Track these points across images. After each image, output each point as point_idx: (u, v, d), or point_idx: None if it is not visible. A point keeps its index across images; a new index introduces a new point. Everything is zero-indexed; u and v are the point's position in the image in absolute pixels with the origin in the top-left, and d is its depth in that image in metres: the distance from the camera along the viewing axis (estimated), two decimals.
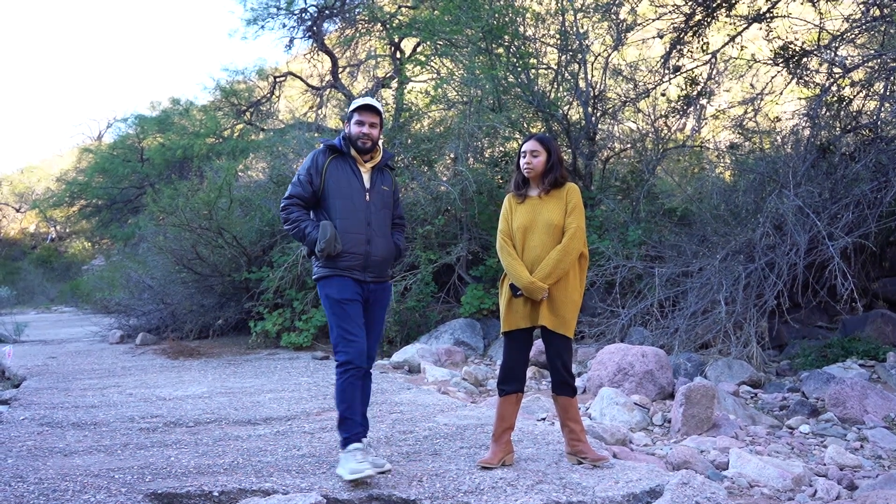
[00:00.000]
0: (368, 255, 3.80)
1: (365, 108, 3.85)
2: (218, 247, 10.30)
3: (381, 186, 3.93)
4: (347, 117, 3.94)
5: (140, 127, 22.29)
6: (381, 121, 3.91)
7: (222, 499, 3.42)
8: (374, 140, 3.86)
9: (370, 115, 3.84)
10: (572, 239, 3.79)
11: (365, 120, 3.83)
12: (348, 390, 3.67)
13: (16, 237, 37.10)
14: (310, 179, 3.84)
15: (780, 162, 8.09)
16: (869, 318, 7.48)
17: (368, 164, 3.91)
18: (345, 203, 3.79)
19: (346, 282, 3.77)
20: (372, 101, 3.88)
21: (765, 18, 8.77)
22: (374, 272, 3.84)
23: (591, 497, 3.30)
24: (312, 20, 15.66)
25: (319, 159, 3.88)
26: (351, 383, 3.67)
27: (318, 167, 3.86)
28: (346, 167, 3.86)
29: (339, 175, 3.83)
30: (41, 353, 9.77)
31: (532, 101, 9.84)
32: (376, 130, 3.87)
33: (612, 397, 5.56)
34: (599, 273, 8.18)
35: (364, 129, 3.83)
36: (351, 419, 3.67)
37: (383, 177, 3.98)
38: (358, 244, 3.77)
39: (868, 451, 4.66)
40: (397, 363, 7.93)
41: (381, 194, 3.92)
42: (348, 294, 3.75)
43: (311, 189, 3.85)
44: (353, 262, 3.77)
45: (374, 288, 3.87)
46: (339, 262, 3.76)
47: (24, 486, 3.51)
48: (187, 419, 5.20)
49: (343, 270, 3.76)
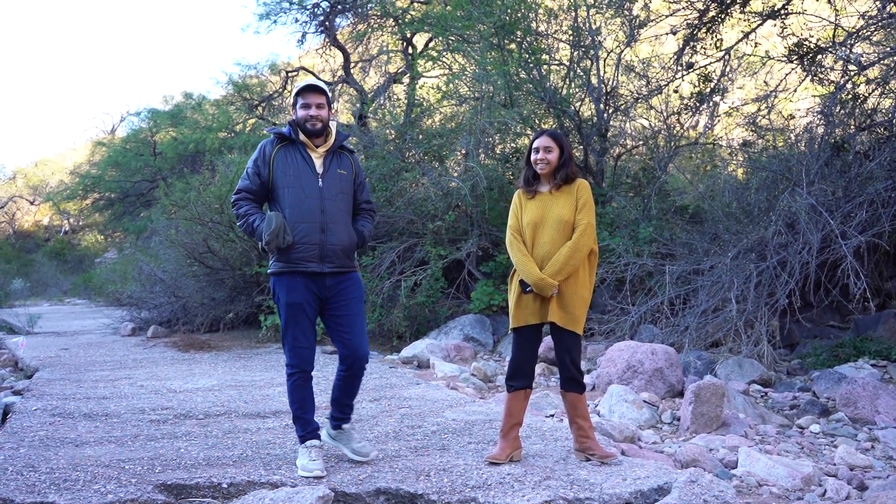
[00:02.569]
0: (324, 245, 3.62)
1: (307, 90, 3.70)
2: (229, 241, 10.35)
3: (338, 170, 3.75)
4: (293, 103, 3.78)
5: (153, 121, 22.43)
6: (328, 101, 3.74)
7: (231, 490, 3.44)
8: (323, 121, 3.69)
9: (314, 95, 3.68)
10: (583, 235, 3.77)
11: (310, 102, 3.66)
12: (296, 392, 3.73)
13: (30, 229, 37.43)
14: (257, 171, 3.72)
15: (794, 160, 8.02)
16: (882, 317, 7.41)
17: (321, 148, 3.73)
18: (294, 191, 3.63)
19: (296, 283, 3.63)
20: (313, 82, 3.75)
21: (779, 15, 8.68)
22: (332, 262, 3.66)
23: (598, 493, 3.29)
24: (325, 15, 15.68)
25: (267, 149, 3.73)
26: (298, 385, 3.73)
27: (266, 157, 3.71)
28: (296, 154, 3.69)
29: (288, 162, 3.67)
30: (54, 345, 9.86)
31: (544, 97, 9.81)
32: (324, 111, 3.69)
33: (621, 395, 5.55)
34: (610, 270, 8.15)
35: (311, 111, 3.65)
36: (303, 418, 3.74)
37: (340, 160, 3.80)
38: (311, 233, 3.60)
39: (879, 452, 4.62)
40: (406, 358, 7.95)
41: (338, 178, 3.73)
42: (298, 298, 3.63)
43: (260, 181, 3.72)
44: (307, 253, 3.60)
45: (334, 283, 3.70)
46: (292, 255, 3.60)
47: (36, 476, 3.55)
48: (197, 411, 5.23)
49: (297, 263, 3.60)
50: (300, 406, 3.73)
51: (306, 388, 3.73)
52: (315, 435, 3.72)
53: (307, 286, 3.65)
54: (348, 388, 3.88)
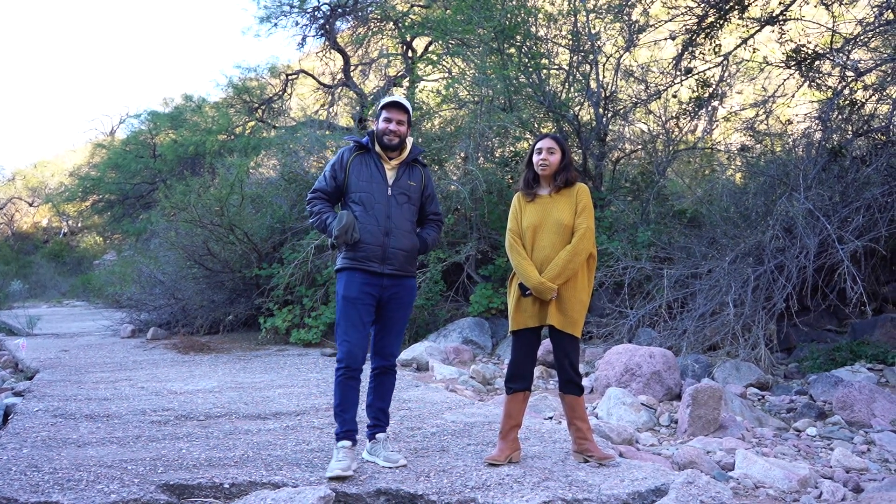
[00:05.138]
0: (386, 247, 3.84)
1: (392, 106, 3.93)
2: (229, 243, 10.38)
3: (408, 182, 3.98)
4: (377, 115, 4.03)
5: (153, 123, 22.42)
6: (409, 118, 3.98)
7: (233, 491, 3.47)
8: (400, 136, 3.93)
9: (398, 112, 3.92)
10: (582, 239, 3.81)
11: (392, 117, 3.90)
12: (339, 387, 3.81)
13: (28, 231, 37.39)
14: (333, 174, 3.97)
15: (791, 165, 8.07)
16: (878, 322, 7.46)
17: (394, 160, 3.96)
18: (365, 196, 3.87)
19: (355, 277, 3.82)
20: (400, 99, 3.97)
21: (777, 21, 8.74)
22: (393, 264, 3.86)
23: (596, 494, 3.33)
24: (325, 18, 15.74)
25: (345, 155, 4.00)
26: (341, 382, 3.79)
27: (343, 163, 3.97)
28: (371, 162, 3.94)
29: (362, 170, 3.92)
30: (53, 347, 9.88)
31: (543, 101, 9.85)
32: (403, 127, 3.94)
33: (620, 397, 5.59)
34: (608, 274, 8.19)
35: (391, 125, 3.90)
36: (340, 416, 3.79)
37: (411, 172, 4.03)
38: (376, 235, 3.83)
39: (875, 455, 4.66)
40: (406, 361, 7.98)
41: (406, 189, 3.96)
42: (355, 292, 3.81)
43: (335, 184, 3.97)
44: (371, 253, 3.81)
45: (391, 283, 3.88)
46: (357, 253, 3.82)
47: (40, 476, 3.58)
48: (198, 413, 5.26)
49: (360, 261, 3.81)
50: (339, 402, 3.79)
51: (348, 386, 3.78)
52: (347, 436, 3.75)
53: (366, 283, 3.82)
54: (381, 391, 3.98)
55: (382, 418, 3.99)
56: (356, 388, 3.82)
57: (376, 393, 3.99)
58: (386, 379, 3.98)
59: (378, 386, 3.99)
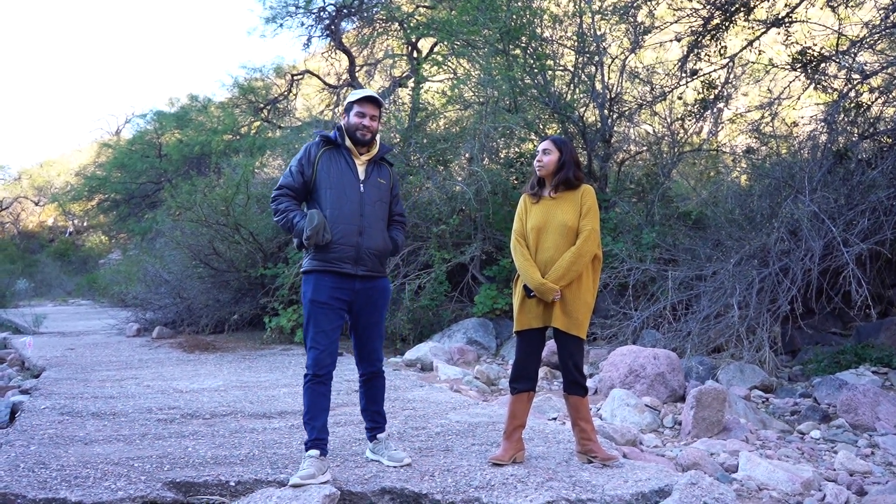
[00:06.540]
0: (360, 247, 3.68)
1: (366, 100, 3.77)
2: (234, 243, 10.42)
3: (378, 179, 3.84)
4: (346, 108, 3.85)
5: (158, 123, 22.52)
6: (380, 114, 3.85)
7: (239, 489, 3.49)
8: (373, 132, 3.79)
9: (371, 106, 3.77)
10: (586, 241, 3.82)
11: (366, 112, 3.75)
12: (307, 396, 3.64)
13: (34, 230, 37.57)
14: (301, 170, 3.78)
15: (797, 167, 8.06)
16: (883, 325, 7.45)
17: (364, 156, 3.83)
18: (336, 193, 3.70)
19: (325, 281, 3.65)
20: (373, 93, 3.83)
21: (783, 23, 8.74)
22: (366, 265, 3.72)
23: (600, 495, 3.34)
24: (330, 19, 15.77)
25: (312, 150, 3.81)
26: (310, 389, 3.63)
27: (311, 158, 3.78)
28: (340, 158, 3.78)
29: (332, 166, 3.75)
30: (60, 345, 9.92)
31: (548, 102, 9.86)
32: (376, 123, 3.80)
33: (624, 398, 5.60)
34: (613, 275, 8.20)
35: (365, 120, 3.75)
36: (309, 424, 3.62)
37: (380, 170, 3.88)
38: (349, 234, 3.66)
39: (879, 458, 4.66)
40: (410, 361, 8.00)
41: (377, 187, 3.82)
42: (324, 297, 3.64)
43: (302, 179, 3.77)
44: (343, 254, 3.66)
45: (363, 287, 3.75)
46: (328, 254, 3.65)
47: (47, 473, 3.60)
48: (204, 411, 5.29)
49: (332, 263, 3.65)
50: (308, 410, 3.63)
51: (317, 392, 3.63)
52: (315, 444, 3.58)
53: (336, 287, 3.67)
54: (371, 394, 3.92)
55: (379, 419, 3.94)
56: (326, 394, 3.66)
57: (367, 397, 3.92)
58: (376, 383, 3.91)
59: (368, 390, 3.92)
